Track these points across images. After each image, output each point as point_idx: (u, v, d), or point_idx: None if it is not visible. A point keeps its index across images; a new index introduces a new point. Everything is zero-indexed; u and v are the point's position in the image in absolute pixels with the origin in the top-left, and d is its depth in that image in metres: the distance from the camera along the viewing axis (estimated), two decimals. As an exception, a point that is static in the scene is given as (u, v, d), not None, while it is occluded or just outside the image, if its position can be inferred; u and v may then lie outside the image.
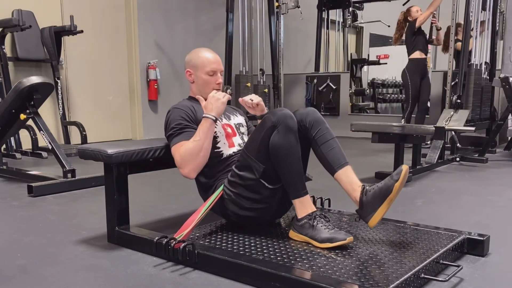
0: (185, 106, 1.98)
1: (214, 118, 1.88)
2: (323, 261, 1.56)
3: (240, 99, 2.02)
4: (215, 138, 1.95)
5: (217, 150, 1.96)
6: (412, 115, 5.26)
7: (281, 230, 1.93)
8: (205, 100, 1.96)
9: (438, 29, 5.31)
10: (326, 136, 1.86)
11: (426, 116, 5.46)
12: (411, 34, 5.11)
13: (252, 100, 1.98)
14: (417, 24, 5.01)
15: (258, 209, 1.88)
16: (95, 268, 1.71)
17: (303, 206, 1.76)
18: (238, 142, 2.04)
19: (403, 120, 5.07)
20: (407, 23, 5.18)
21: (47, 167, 3.96)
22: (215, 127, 1.92)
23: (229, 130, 2.04)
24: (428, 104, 6.06)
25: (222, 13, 6.48)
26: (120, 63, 6.10)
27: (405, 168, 1.70)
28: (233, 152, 1.99)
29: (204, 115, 1.89)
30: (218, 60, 2.04)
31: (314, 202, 2.00)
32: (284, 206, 1.97)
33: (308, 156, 1.96)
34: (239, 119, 2.15)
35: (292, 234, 1.80)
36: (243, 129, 2.14)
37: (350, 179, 1.84)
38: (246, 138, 2.10)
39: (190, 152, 1.85)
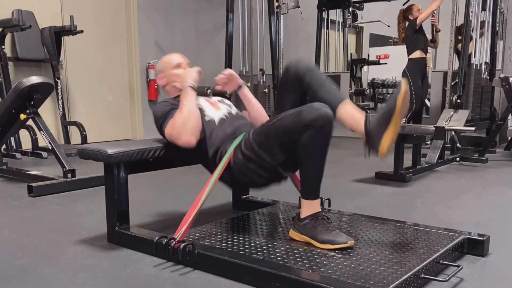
0: (167, 100, 2.06)
1: (191, 85, 1.94)
2: (323, 261, 1.56)
3: (215, 79, 2.10)
4: (201, 110, 1.97)
5: (207, 118, 1.97)
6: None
7: (281, 230, 1.93)
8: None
9: (437, 31, 5.28)
10: (320, 79, 1.83)
11: (427, 116, 5.46)
12: (413, 33, 5.07)
13: (223, 74, 2.07)
14: (418, 22, 4.97)
15: (264, 184, 1.90)
16: (95, 268, 1.71)
17: (308, 208, 1.75)
18: (224, 107, 2.08)
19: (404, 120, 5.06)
20: (408, 22, 5.15)
21: (47, 167, 3.96)
22: (198, 102, 1.97)
23: (212, 101, 2.11)
24: (429, 104, 6.06)
25: (222, 13, 6.48)
26: (120, 63, 6.10)
27: (404, 82, 1.64)
28: (223, 115, 2.01)
29: (181, 87, 1.98)
30: (180, 55, 2.18)
31: (322, 203, 1.99)
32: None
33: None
34: (219, 98, 2.22)
35: (293, 233, 1.80)
36: (227, 102, 2.20)
37: (351, 113, 1.76)
38: (233, 107, 2.15)
39: (180, 119, 1.87)
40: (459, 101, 4.42)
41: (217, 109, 2.04)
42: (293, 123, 1.66)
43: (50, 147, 3.25)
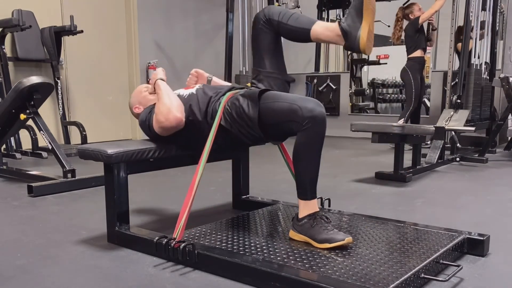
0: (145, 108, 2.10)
1: (160, 78, 2.01)
2: (323, 261, 1.56)
3: (186, 83, 2.20)
4: (178, 95, 2.00)
5: (186, 95, 1.98)
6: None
7: (281, 230, 1.93)
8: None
9: (433, 29, 5.28)
10: (288, 13, 1.85)
11: (427, 116, 5.46)
12: (414, 32, 5.05)
13: (191, 74, 2.17)
14: (420, 21, 4.94)
15: (257, 142, 1.94)
16: (95, 268, 1.71)
17: (306, 208, 1.75)
18: (197, 85, 2.09)
19: (402, 120, 5.05)
20: (407, 21, 5.12)
21: (47, 167, 3.97)
22: (174, 92, 2.01)
23: (185, 88, 2.14)
24: (428, 104, 6.06)
25: (222, 13, 6.48)
26: (120, 63, 6.10)
27: None
28: (199, 87, 2.04)
29: (152, 85, 2.05)
30: (146, 84, 2.24)
31: (322, 203, 2.00)
32: None
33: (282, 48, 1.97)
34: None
35: (292, 234, 1.80)
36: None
37: (325, 26, 1.79)
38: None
39: (161, 104, 1.90)
40: (459, 101, 4.42)
41: (192, 87, 2.07)
42: (285, 116, 1.69)
43: (50, 147, 3.25)
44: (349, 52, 8.68)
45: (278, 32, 1.87)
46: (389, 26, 8.65)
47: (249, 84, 2.02)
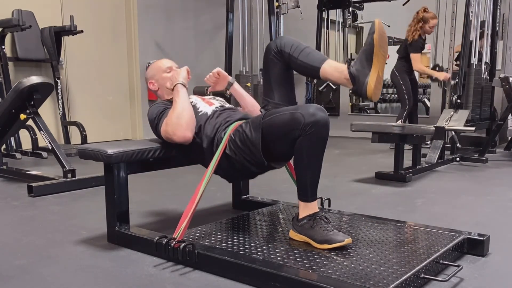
0: (158, 102, 2.09)
1: (182, 82, 1.98)
2: (323, 261, 1.56)
3: (204, 79, 2.17)
4: (193, 105, 2.00)
5: (201, 112, 1.99)
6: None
7: (281, 230, 1.93)
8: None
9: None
10: (300, 47, 1.83)
11: (427, 116, 5.46)
12: (406, 51, 5.05)
13: (212, 73, 2.12)
14: (413, 64, 4.96)
15: (257, 173, 1.93)
16: (95, 268, 1.71)
17: (306, 209, 1.75)
18: (217, 102, 2.10)
19: (399, 121, 5.05)
20: (421, 25, 4.98)
21: (47, 167, 3.96)
22: (190, 99, 2.00)
23: (204, 98, 2.14)
24: (428, 104, 6.05)
25: (222, 13, 6.48)
26: (120, 63, 6.10)
27: (377, 20, 1.64)
28: (216, 107, 2.03)
29: (172, 86, 2.00)
30: (169, 60, 2.22)
31: (322, 204, 2.00)
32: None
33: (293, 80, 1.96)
34: (212, 96, 2.24)
35: (292, 234, 1.80)
36: (220, 99, 2.22)
37: (335, 66, 1.76)
38: (225, 103, 2.17)
39: (174, 115, 1.89)
40: (459, 101, 4.42)
41: (210, 104, 2.06)
42: (287, 125, 1.66)
43: (50, 147, 3.25)
44: (349, 52, 8.70)
45: (289, 65, 1.85)
46: (389, 26, 8.67)
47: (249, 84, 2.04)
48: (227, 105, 2.14)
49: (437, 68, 5.36)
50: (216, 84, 2.20)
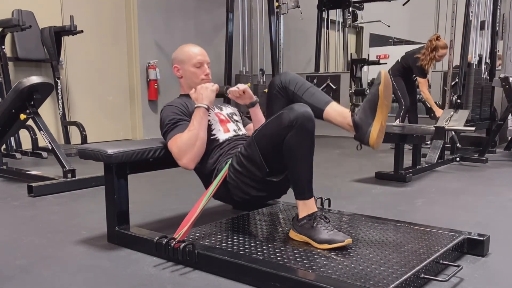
0: (177, 103, 2.02)
1: (206, 106, 1.92)
2: (323, 261, 1.56)
3: (228, 91, 2.08)
4: (209, 125, 1.98)
5: (213, 136, 1.99)
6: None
7: (281, 230, 1.93)
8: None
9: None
10: (304, 86, 1.85)
11: (427, 116, 5.46)
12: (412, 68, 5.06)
13: (238, 88, 2.04)
14: (421, 89, 5.01)
15: (262, 196, 1.91)
16: (95, 268, 1.71)
17: (305, 207, 1.75)
18: (233, 128, 2.09)
19: (397, 120, 5.06)
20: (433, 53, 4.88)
21: (47, 167, 3.96)
22: (208, 115, 1.96)
23: (222, 117, 2.09)
24: (428, 104, 6.05)
25: (222, 13, 6.48)
26: (120, 63, 6.10)
27: (383, 71, 1.67)
28: (229, 137, 2.03)
29: (196, 105, 1.92)
30: (203, 52, 2.09)
31: (322, 204, 2.00)
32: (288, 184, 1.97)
33: None
34: (230, 109, 2.22)
35: (292, 234, 1.80)
36: (237, 118, 2.20)
37: (338, 111, 1.80)
38: (241, 126, 2.16)
39: (186, 142, 1.87)
40: (459, 101, 4.41)
41: (225, 131, 2.03)
42: (275, 128, 1.70)
43: (50, 147, 3.25)
44: (349, 52, 8.70)
45: (292, 102, 1.84)
46: (389, 26, 8.67)
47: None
48: (242, 131, 2.12)
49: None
50: (238, 99, 2.10)
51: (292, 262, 1.55)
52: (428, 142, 4.37)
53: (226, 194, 1.93)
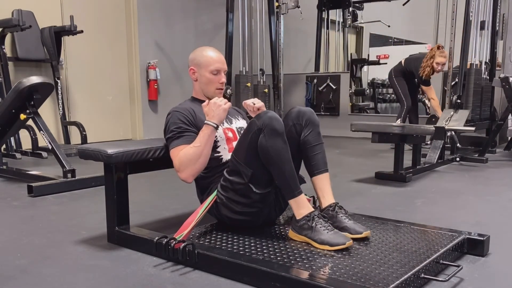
0: (185, 109, 1.97)
1: (215, 126, 1.88)
2: (323, 261, 1.56)
3: (243, 102, 2.06)
4: (215, 142, 1.95)
5: (217, 154, 1.97)
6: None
7: (281, 230, 1.93)
8: (209, 99, 1.95)
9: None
10: (315, 139, 1.92)
11: (427, 116, 5.46)
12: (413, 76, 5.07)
13: (254, 104, 2.02)
14: (428, 97, 5.03)
15: (249, 213, 1.88)
16: (95, 268, 1.71)
17: (299, 207, 1.75)
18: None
19: (398, 120, 5.07)
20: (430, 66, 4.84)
21: (47, 167, 3.96)
22: (216, 135, 1.93)
23: (230, 134, 2.04)
24: (429, 104, 6.05)
25: (222, 13, 6.48)
26: (120, 63, 6.10)
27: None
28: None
29: (205, 121, 1.88)
30: (222, 59, 2.04)
31: (314, 202, 2.00)
32: (279, 207, 1.99)
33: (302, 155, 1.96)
34: (240, 122, 2.14)
35: (292, 234, 1.80)
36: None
37: (322, 186, 1.91)
38: None
39: (189, 157, 1.85)
40: (459, 101, 4.41)
41: (229, 150, 1.99)
42: (248, 134, 1.78)
43: (50, 147, 3.25)
44: (349, 52, 8.69)
45: (299, 144, 1.94)
46: (389, 26, 8.67)
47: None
48: None
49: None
50: (251, 112, 2.06)
51: (292, 262, 1.55)
52: (428, 142, 4.37)
53: (216, 211, 1.94)
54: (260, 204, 1.85)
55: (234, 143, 2.00)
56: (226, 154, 1.98)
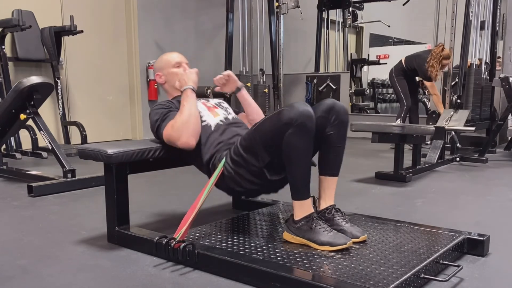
0: (162, 103, 2.06)
1: (192, 87, 1.97)
2: (323, 261, 1.56)
3: (214, 80, 2.16)
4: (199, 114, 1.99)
5: (204, 123, 1.98)
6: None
7: (281, 230, 1.93)
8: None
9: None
10: (339, 141, 1.84)
11: (427, 116, 5.47)
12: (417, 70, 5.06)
13: (222, 74, 2.12)
14: (431, 93, 5.06)
15: (255, 190, 1.90)
16: (95, 268, 1.71)
17: (302, 209, 1.72)
18: (222, 112, 2.10)
19: (398, 120, 5.07)
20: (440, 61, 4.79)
21: (47, 167, 3.96)
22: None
23: (209, 105, 2.12)
24: (428, 104, 6.06)
25: (222, 13, 6.48)
26: (120, 63, 6.10)
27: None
28: (220, 121, 2.03)
29: (182, 89, 1.98)
30: (179, 55, 2.18)
31: (314, 202, 2.00)
32: (282, 180, 1.91)
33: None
34: (217, 100, 2.24)
35: (287, 236, 1.77)
36: (225, 105, 2.21)
37: (327, 188, 1.87)
38: (230, 111, 2.17)
39: (180, 121, 1.88)
40: (459, 101, 4.42)
41: (214, 115, 2.04)
42: (274, 123, 1.68)
43: (50, 147, 3.25)
44: (349, 52, 8.69)
45: (322, 137, 1.86)
46: (389, 26, 8.67)
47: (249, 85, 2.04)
48: (231, 115, 2.12)
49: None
50: (224, 86, 2.18)
51: (292, 262, 1.55)
52: (428, 142, 4.37)
53: (221, 182, 1.90)
54: (268, 184, 1.83)
55: (216, 110, 2.09)
56: (212, 120, 2.01)
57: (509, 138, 5.01)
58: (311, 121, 1.65)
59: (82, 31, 4.94)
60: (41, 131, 3.30)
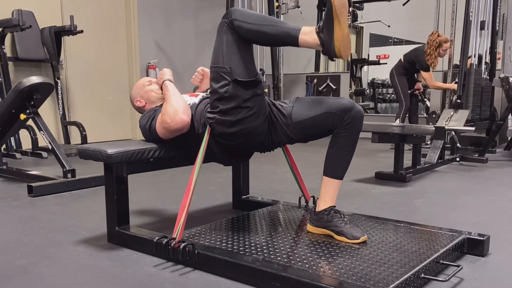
0: (147, 111, 2.10)
1: (168, 79, 2.05)
2: (323, 261, 1.56)
3: (191, 80, 2.26)
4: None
5: (190, 104, 2.00)
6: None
7: (281, 230, 1.93)
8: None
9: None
10: (348, 145, 1.90)
11: (427, 116, 5.47)
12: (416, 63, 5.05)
13: (197, 71, 2.22)
14: (428, 83, 5.06)
15: (245, 119, 1.79)
16: (95, 268, 1.71)
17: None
18: (201, 94, 2.12)
19: (397, 120, 5.07)
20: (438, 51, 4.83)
21: (47, 167, 3.96)
22: None
23: (188, 93, 2.17)
24: (428, 104, 6.05)
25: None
26: (120, 63, 6.10)
27: None
28: (202, 96, 2.06)
29: (159, 82, 2.08)
30: (151, 78, 2.29)
31: (314, 202, 2.01)
32: (271, 140, 1.91)
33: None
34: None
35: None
36: (204, 94, 2.18)
37: (328, 189, 1.88)
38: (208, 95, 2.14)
39: (169, 105, 1.90)
40: (459, 101, 4.42)
41: (196, 96, 2.10)
42: (218, 38, 1.85)
43: (50, 147, 3.25)
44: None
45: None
46: (389, 26, 8.67)
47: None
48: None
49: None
50: (202, 83, 2.25)
51: (292, 262, 1.55)
52: (428, 142, 4.37)
53: (214, 147, 1.92)
54: (252, 103, 1.78)
55: (195, 94, 2.13)
56: (195, 99, 2.05)
57: (509, 138, 5.01)
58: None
59: (82, 31, 4.94)
60: (41, 131, 3.30)
